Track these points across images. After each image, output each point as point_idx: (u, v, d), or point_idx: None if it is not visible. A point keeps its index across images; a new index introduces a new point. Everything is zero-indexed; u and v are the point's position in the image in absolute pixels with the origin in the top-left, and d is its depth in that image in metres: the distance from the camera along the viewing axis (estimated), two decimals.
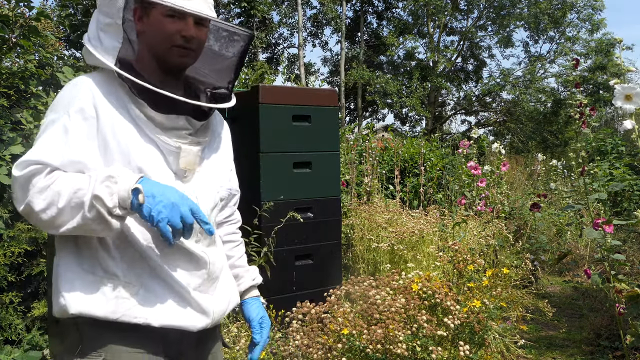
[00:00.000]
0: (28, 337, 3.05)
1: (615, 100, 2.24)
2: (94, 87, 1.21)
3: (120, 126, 1.20)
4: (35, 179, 1.11)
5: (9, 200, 3.18)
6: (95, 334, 1.18)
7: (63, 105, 1.19)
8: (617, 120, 19.95)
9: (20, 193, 1.12)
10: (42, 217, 1.11)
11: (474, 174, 4.40)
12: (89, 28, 1.26)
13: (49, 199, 1.10)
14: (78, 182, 1.12)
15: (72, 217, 1.10)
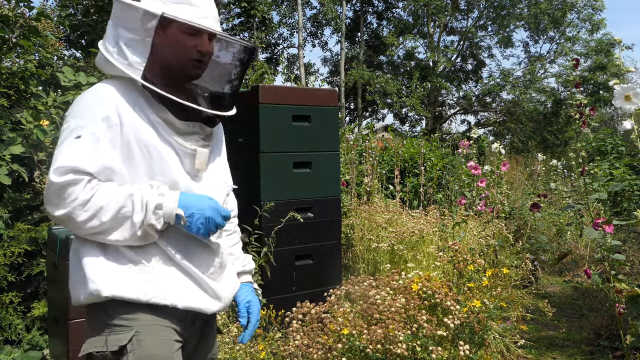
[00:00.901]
0: (28, 337, 3.05)
1: (615, 101, 2.24)
2: (117, 96, 1.31)
3: (142, 132, 1.31)
4: (72, 188, 1.22)
5: (9, 200, 3.18)
6: (124, 312, 1.28)
7: (88, 113, 1.28)
8: (617, 120, 19.97)
9: (55, 199, 1.22)
10: (85, 227, 1.24)
11: (474, 174, 4.40)
12: (108, 40, 1.35)
13: (92, 212, 1.23)
14: (119, 198, 1.25)
15: (121, 233, 1.26)
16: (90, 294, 1.27)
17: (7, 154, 3.07)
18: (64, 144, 1.25)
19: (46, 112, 3.44)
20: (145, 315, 1.29)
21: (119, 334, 1.27)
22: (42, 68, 3.77)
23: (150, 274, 1.30)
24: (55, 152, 1.25)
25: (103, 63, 1.36)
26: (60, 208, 1.21)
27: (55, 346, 2.67)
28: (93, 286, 1.26)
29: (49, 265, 2.70)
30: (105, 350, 1.25)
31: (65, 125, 1.28)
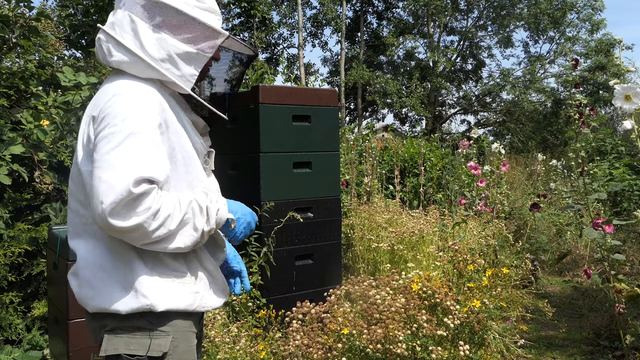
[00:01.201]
0: (28, 337, 3.05)
1: (615, 101, 2.24)
2: (161, 100, 1.31)
3: (182, 137, 1.34)
4: (146, 199, 1.18)
5: (9, 200, 3.18)
6: (164, 318, 1.30)
7: (143, 119, 1.24)
8: (617, 120, 19.98)
9: (126, 210, 1.16)
10: (153, 236, 1.21)
11: (474, 174, 4.41)
12: (152, 46, 1.31)
13: (161, 221, 1.21)
14: (183, 205, 1.26)
15: (182, 240, 1.26)
16: (141, 308, 1.26)
17: (7, 154, 3.07)
18: (124, 151, 1.19)
19: (46, 112, 3.44)
20: (180, 322, 1.32)
21: (159, 339, 1.27)
22: (42, 68, 3.77)
23: (192, 284, 1.34)
24: (109, 157, 1.18)
25: (131, 64, 1.31)
26: (130, 219, 1.16)
27: (55, 346, 2.67)
28: (146, 301, 1.25)
29: (49, 265, 2.71)
30: (144, 354, 1.26)
31: (112, 129, 1.21)
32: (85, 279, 1.31)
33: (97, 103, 1.30)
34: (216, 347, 2.43)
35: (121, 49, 1.31)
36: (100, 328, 1.31)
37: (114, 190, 1.14)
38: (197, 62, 1.34)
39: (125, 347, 1.26)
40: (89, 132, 1.29)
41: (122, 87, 1.28)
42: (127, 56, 1.30)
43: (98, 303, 1.28)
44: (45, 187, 3.20)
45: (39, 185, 3.18)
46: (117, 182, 1.15)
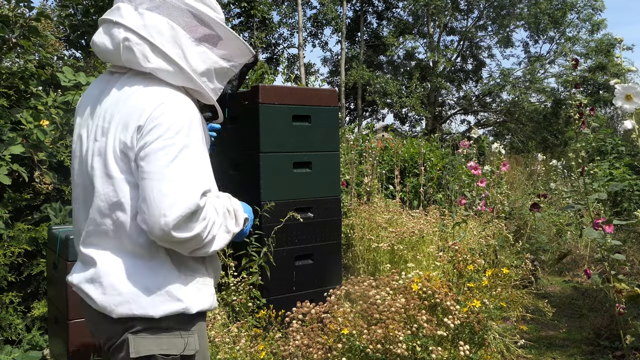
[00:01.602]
0: (28, 337, 3.05)
1: (615, 100, 2.24)
2: (197, 110, 1.34)
3: (207, 141, 1.40)
4: (203, 210, 1.24)
5: (9, 200, 3.18)
6: (194, 320, 1.34)
7: (192, 131, 1.28)
8: (617, 120, 19.98)
9: (187, 221, 1.21)
10: (203, 243, 1.26)
11: (474, 174, 4.40)
12: (195, 59, 1.32)
13: (209, 228, 1.26)
14: (220, 211, 1.31)
15: (218, 243, 1.31)
16: (176, 311, 1.29)
17: (7, 154, 3.07)
18: (182, 164, 1.22)
19: (46, 112, 3.44)
20: (201, 322, 1.38)
21: (191, 338, 1.31)
22: (42, 68, 3.77)
23: (210, 286, 1.39)
24: (168, 171, 1.20)
25: (171, 73, 1.29)
26: (192, 230, 1.21)
27: (55, 346, 2.67)
28: (181, 305, 1.29)
29: (49, 265, 2.70)
30: (178, 354, 1.29)
31: (167, 142, 1.21)
32: (111, 286, 1.28)
33: (138, 109, 1.25)
34: (216, 347, 2.43)
35: (161, 56, 1.27)
36: (124, 330, 1.29)
37: (180, 205, 1.18)
38: (226, 77, 1.40)
39: (158, 347, 1.27)
40: (125, 139, 1.25)
41: (166, 96, 1.27)
42: (169, 65, 1.28)
43: (127, 309, 1.27)
44: (45, 187, 3.20)
45: (39, 185, 3.18)
46: (182, 196, 1.19)
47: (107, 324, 1.31)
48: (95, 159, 1.30)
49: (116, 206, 1.26)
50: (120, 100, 1.29)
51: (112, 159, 1.26)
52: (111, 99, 1.32)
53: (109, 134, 1.28)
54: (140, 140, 1.23)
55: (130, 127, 1.24)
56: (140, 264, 1.28)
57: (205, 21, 1.33)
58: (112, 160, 1.26)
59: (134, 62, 1.28)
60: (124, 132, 1.25)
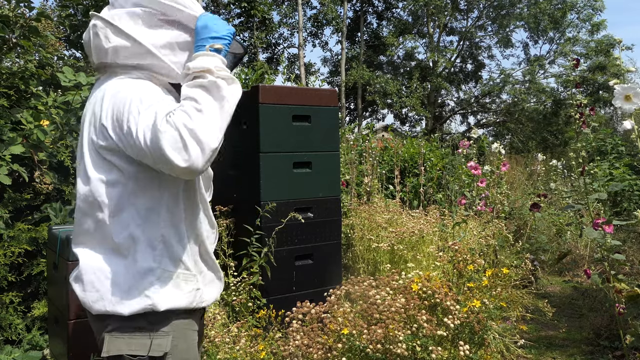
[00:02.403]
0: (28, 337, 3.05)
1: (615, 101, 2.24)
2: (156, 87, 1.34)
3: None
4: (171, 129, 1.16)
5: (9, 200, 3.18)
6: (163, 317, 1.30)
7: (153, 96, 1.27)
8: (617, 120, 19.98)
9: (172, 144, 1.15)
10: (184, 135, 1.17)
11: (474, 174, 4.40)
12: (153, 34, 1.33)
13: (198, 113, 1.19)
14: (186, 107, 1.22)
15: (210, 106, 1.23)
16: (143, 309, 1.26)
17: (7, 154, 3.07)
18: (145, 110, 1.20)
19: (46, 112, 3.44)
20: (179, 321, 1.33)
21: (159, 339, 1.28)
22: (42, 68, 3.77)
23: (195, 281, 1.35)
24: (138, 121, 1.19)
25: (130, 49, 1.31)
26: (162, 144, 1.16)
27: (55, 346, 2.67)
28: (148, 301, 1.27)
29: (49, 265, 2.71)
30: (145, 355, 1.26)
31: (130, 108, 1.22)
32: (90, 283, 1.31)
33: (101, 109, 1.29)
34: (216, 347, 2.43)
35: (121, 35, 1.31)
36: (103, 329, 1.31)
37: (159, 134, 1.14)
38: (188, 50, 1.36)
39: (127, 347, 1.27)
40: (97, 138, 1.29)
41: (120, 85, 1.30)
42: (127, 41, 1.31)
43: (101, 306, 1.29)
44: (45, 187, 3.20)
45: (39, 185, 3.18)
46: (165, 138, 1.13)
47: (93, 322, 1.36)
48: (80, 162, 1.35)
49: (95, 205, 1.29)
50: (92, 103, 1.35)
51: (88, 160, 1.30)
52: (90, 104, 1.38)
53: (84, 137, 1.33)
54: (111, 132, 1.26)
55: (97, 126, 1.29)
56: (117, 262, 1.30)
57: (159, 4, 1.35)
58: (89, 161, 1.30)
59: (100, 47, 1.34)
60: (94, 131, 1.30)
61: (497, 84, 22.55)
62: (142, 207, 1.29)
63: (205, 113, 1.19)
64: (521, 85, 22.22)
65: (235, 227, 3.23)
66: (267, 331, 2.70)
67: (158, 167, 1.21)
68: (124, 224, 1.28)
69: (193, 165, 1.14)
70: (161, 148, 1.13)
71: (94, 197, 1.29)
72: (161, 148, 1.13)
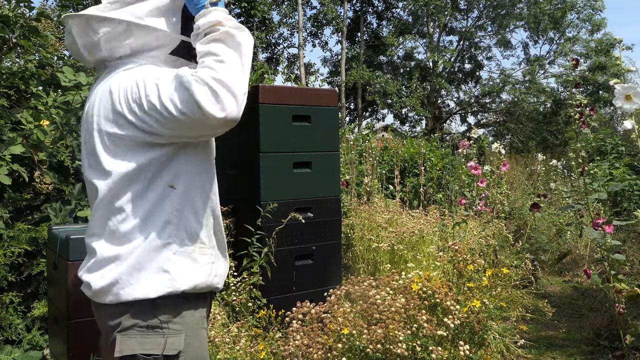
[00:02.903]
0: (28, 337, 3.05)
1: (615, 100, 2.24)
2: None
3: None
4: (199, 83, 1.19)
5: (9, 200, 3.18)
6: (172, 312, 1.28)
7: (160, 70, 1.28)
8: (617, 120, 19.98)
9: (212, 96, 1.18)
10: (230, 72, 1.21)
11: (474, 174, 4.40)
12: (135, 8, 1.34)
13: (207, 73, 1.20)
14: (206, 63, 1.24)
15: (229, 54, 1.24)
16: (163, 288, 1.25)
17: (7, 154, 3.07)
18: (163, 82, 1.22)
19: (46, 112, 3.44)
20: (190, 314, 1.31)
21: (173, 337, 1.26)
22: (42, 68, 3.77)
23: (209, 255, 1.34)
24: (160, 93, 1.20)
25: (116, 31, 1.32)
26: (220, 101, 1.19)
27: (55, 346, 2.67)
28: (166, 277, 1.26)
29: (49, 265, 2.70)
30: (160, 353, 1.24)
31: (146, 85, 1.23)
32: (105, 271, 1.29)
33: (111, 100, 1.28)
34: (216, 347, 2.43)
35: (106, 22, 1.31)
36: (113, 327, 1.28)
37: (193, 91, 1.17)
38: (176, 9, 1.36)
39: (141, 347, 1.24)
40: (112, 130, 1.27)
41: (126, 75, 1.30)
42: (110, 25, 1.31)
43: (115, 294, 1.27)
44: (45, 187, 3.20)
45: (39, 185, 3.18)
46: (198, 94, 1.16)
47: (102, 317, 1.32)
48: (89, 158, 1.33)
49: (118, 196, 1.27)
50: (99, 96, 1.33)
51: (103, 153, 1.28)
52: (93, 100, 1.35)
53: (94, 132, 1.30)
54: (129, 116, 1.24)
55: (111, 116, 1.27)
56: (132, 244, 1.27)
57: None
58: (105, 154, 1.28)
59: (90, 43, 1.33)
60: (108, 123, 1.27)
61: (497, 84, 22.56)
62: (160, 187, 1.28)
63: (228, 62, 1.21)
64: (521, 85, 22.21)
65: (235, 227, 3.24)
66: (267, 331, 2.70)
67: (191, 131, 1.23)
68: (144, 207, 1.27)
69: (230, 113, 1.18)
70: (197, 104, 1.15)
71: (116, 189, 1.27)
72: (197, 104, 1.15)
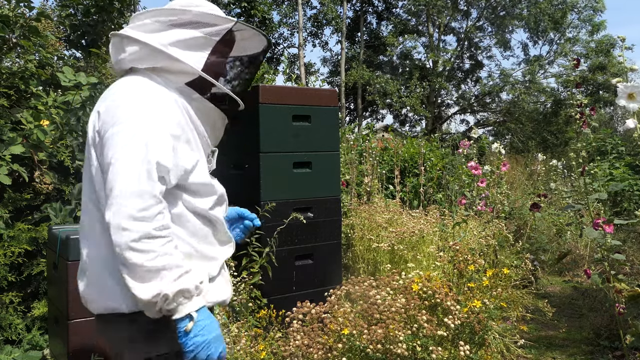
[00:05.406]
0: (28, 337, 3.05)
1: (618, 99, 2.23)
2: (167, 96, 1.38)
3: (194, 137, 1.44)
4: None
5: (9, 200, 3.18)
6: None
7: (146, 114, 1.31)
8: (617, 120, 19.98)
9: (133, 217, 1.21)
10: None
11: (474, 174, 4.40)
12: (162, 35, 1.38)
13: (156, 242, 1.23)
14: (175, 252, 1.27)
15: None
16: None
17: (7, 154, 3.07)
18: (132, 152, 1.23)
19: (46, 112, 3.43)
20: None
21: None
22: (42, 68, 3.77)
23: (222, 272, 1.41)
24: (118, 157, 1.22)
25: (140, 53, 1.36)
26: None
27: (55, 346, 2.67)
28: None
29: (49, 265, 2.70)
30: (169, 351, 1.27)
31: (119, 127, 1.25)
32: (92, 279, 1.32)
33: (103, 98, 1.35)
34: None
35: (133, 42, 1.36)
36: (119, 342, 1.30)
37: None
38: (206, 46, 1.38)
39: (155, 350, 1.27)
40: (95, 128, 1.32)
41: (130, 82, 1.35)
42: (137, 46, 1.36)
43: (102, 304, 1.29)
44: (45, 187, 3.20)
45: (39, 185, 3.18)
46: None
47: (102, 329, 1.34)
48: (86, 160, 1.36)
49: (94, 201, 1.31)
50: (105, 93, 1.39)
51: (90, 154, 1.32)
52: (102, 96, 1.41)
53: (89, 129, 1.35)
54: (100, 126, 1.28)
55: (95, 115, 1.32)
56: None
57: (168, 12, 1.38)
58: (91, 155, 1.31)
59: (119, 60, 1.40)
60: (94, 121, 1.32)
61: (497, 84, 22.55)
62: None
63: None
64: (521, 85, 22.20)
65: None
66: (268, 331, 2.70)
67: None
68: None
69: None
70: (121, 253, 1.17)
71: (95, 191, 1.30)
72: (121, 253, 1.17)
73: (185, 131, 1.33)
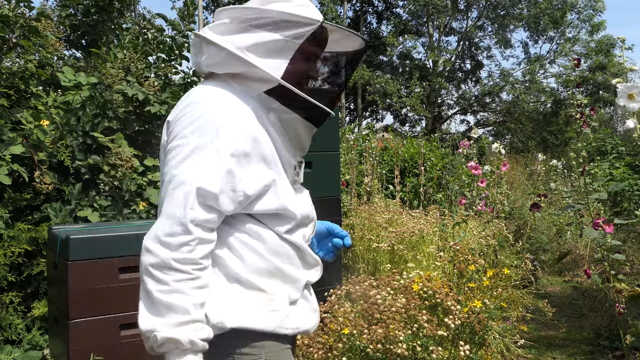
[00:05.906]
0: (28, 337, 3.05)
1: (618, 99, 2.23)
2: (244, 108, 1.28)
3: (269, 155, 1.33)
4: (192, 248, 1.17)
5: (9, 200, 3.18)
6: (250, 340, 1.22)
7: (215, 129, 1.22)
8: (617, 120, 19.99)
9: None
10: None
11: (474, 174, 4.40)
12: (240, 38, 1.26)
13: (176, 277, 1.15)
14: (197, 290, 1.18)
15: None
16: (213, 327, 1.17)
17: (7, 154, 3.07)
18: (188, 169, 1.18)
19: (46, 112, 3.44)
20: (271, 342, 1.24)
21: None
22: (42, 68, 3.77)
23: (272, 303, 1.24)
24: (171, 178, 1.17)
25: (216, 57, 1.26)
26: None
27: (55, 346, 2.67)
28: (215, 319, 1.17)
29: (49, 265, 2.70)
30: None
31: (182, 139, 1.19)
32: None
33: (176, 107, 1.26)
34: None
35: (208, 44, 1.26)
36: None
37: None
38: (286, 50, 1.24)
39: None
40: (164, 139, 1.26)
41: (203, 90, 1.25)
42: (213, 47, 1.25)
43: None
44: (45, 187, 3.20)
45: (39, 185, 3.18)
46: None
47: None
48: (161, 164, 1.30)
49: None
50: None
51: (162, 162, 1.25)
52: None
53: (162, 135, 1.28)
54: (167, 135, 1.22)
55: (166, 123, 1.25)
56: None
57: (251, 11, 1.27)
58: (163, 163, 1.24)
59: (197, 62, 1.30)
60: (164, 130, 1.26)
61: (497, 84, 22.55)
62: None
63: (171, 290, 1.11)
64: (521, 85, 22.21)
65: None
66: None
67: None
68: None
69: None
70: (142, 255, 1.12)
71: None
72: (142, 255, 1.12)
73: (260, 145, 1.21)
